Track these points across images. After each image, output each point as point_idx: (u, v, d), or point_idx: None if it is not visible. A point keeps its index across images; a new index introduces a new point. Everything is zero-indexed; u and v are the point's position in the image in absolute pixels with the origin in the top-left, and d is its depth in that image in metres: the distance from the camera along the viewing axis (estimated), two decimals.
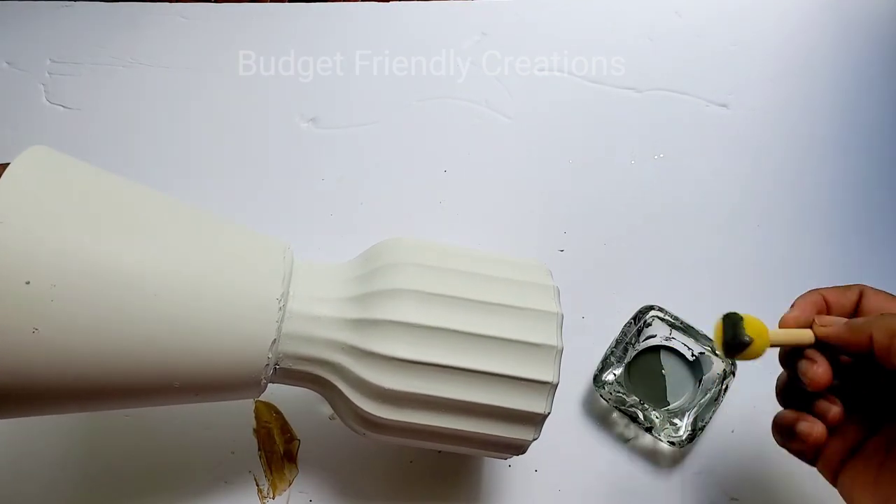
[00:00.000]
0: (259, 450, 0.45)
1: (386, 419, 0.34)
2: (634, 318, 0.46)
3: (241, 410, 0.46)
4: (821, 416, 0.33)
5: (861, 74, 0.59)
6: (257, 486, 0.44)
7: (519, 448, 0.36)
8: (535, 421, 0.35)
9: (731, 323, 0.32)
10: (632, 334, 0.46)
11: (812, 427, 0.33)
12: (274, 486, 0.44)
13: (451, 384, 0.34)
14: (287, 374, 0.36)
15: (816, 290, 0.35)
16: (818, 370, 0.32)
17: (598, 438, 0.46)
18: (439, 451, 0.45)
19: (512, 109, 0.57)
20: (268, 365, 0.34)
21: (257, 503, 0.44)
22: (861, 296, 0.34)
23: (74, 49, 0.59)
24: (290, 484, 0.45)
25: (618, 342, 0.46)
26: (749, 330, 0.32)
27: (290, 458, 0.45)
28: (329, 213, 0.53)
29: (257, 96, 0.57)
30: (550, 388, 0.34)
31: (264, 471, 0.45)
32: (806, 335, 0.33)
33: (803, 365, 0.33)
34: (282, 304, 0.34)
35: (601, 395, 0.45)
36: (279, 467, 0.45)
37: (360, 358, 0.34)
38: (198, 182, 0.54)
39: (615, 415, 0.46)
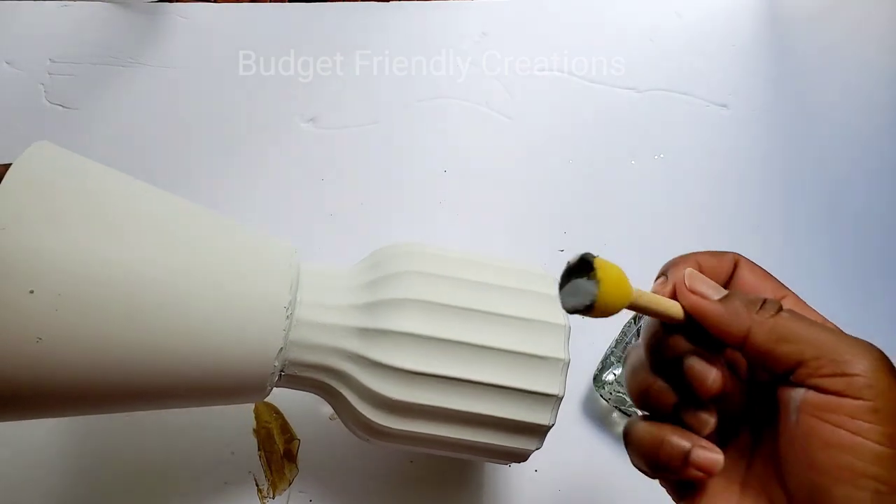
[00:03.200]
0: (259, 450, 0.45)
1: (391, 428, 0.34)
2: (634, 317, 0.46)
3: (241, 410, 0.46)
4: (694, 428, 0.26)
5: (861, 75, 0.59)
6: (257, 486, 0.44)
7: (520, 457, 0.36)
8: (539, 432, 0.35)
9: (582, 263, 0.24)
10: (632, 334, 0.46)
11: (717, 458, 0.25)
12: (274, 486, 0.44)
13: (457, 395, 0.34)
14: (292, 380, 0.35)
15: (692, 254, 0.29)
16: (715, 376, 0.25)
17: (598, 438, 0.46)
18: None
19: (512, 109, 0.57)
20: (273, 372, 0.34)
21: (257, 503, 0.44)
22: (735, 266, 0.28)
23: (74, 49, 0.59)
24: (289, 484, 0.45)
25: (617, 342, 0.46)
26: (604, 276, 0.24)
27: (290, 457, 0.45)
28: (329, 213, 0.53)
29: (257, 96, 0.57)
30: (556, 400, 0.34)
31: (264, 471, 0.45)
32: (675, 309, 0.26)
33: (698, 366, 0.25)
34: (289, 312, 0.33)
35: (601, 395, 0.45)
36: (279, 467, 0.45)
37: (367, 367, 0.34)
38: (198, 182, 0.54)
39: (615, 415, 0.46)
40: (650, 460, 0.27)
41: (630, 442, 0.28)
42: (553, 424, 0.35)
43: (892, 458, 0.21)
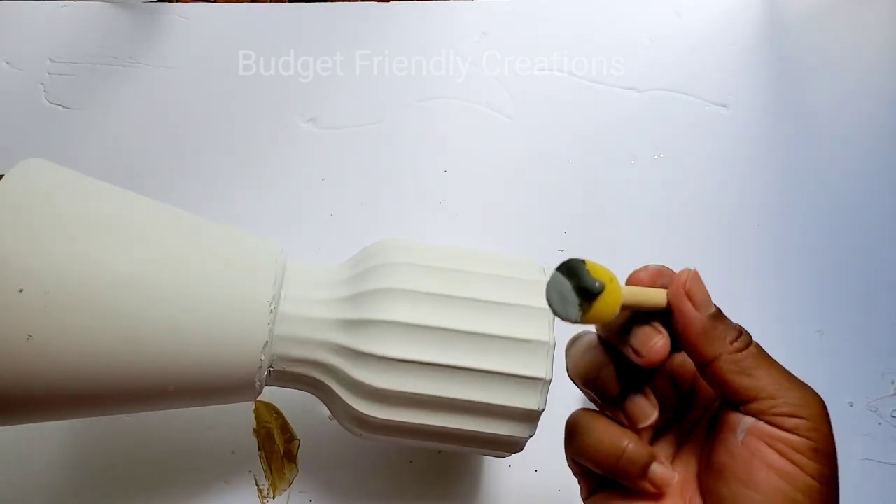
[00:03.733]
0: (259, 450, 0.45)
1: (380, 419, 0.34)
2: None
3: (241, 411, 0.46)
4: (634, 417, 0.28)
5: (861, 74, 0.59)
6: (257, 486, 0.44)
7: (515, 446, 0.36)
8: (530, 418, 0.35)
9: (573, 270, 0.23)
10: None
11: (673, 477, 0.28)
12: (274, 486, 0.44)
13: (444, 383, 0.34)
14: (281, 376, 0.36)
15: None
16: (659, 342, 0.26)
17: None
18: (439, 451, 0.45)
19: (512, 109, 0.57)
20: (261, 367, 0.34)
21: (257, 503, 0.44)
22: None
23: (74, 49, 0.59)
24: (289, 484, 0.45)
25: None
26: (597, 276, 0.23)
27: (290, 457, 0.45)
28: (329, 213, 0.53)
29: (257, 96, 0.57)
30: (544, 384, 0.34)
31: (264, 471, 0.45)
32: (658, 297, 0.27)
33: (644, 334, 0.27)
34: (273, 307, 0.34)
35: None
36: (279, 467, 0.45)
37: (353, 358, 0.34)
38: (197, 182, 0.54)
39: None
40: (605, 462, 0.28)
41: (583, 437, 0.28)
42: (543, 409, 0.35)
43: (819, 493, 0.25)
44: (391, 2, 0.61)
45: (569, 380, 0.31)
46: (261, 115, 0.57)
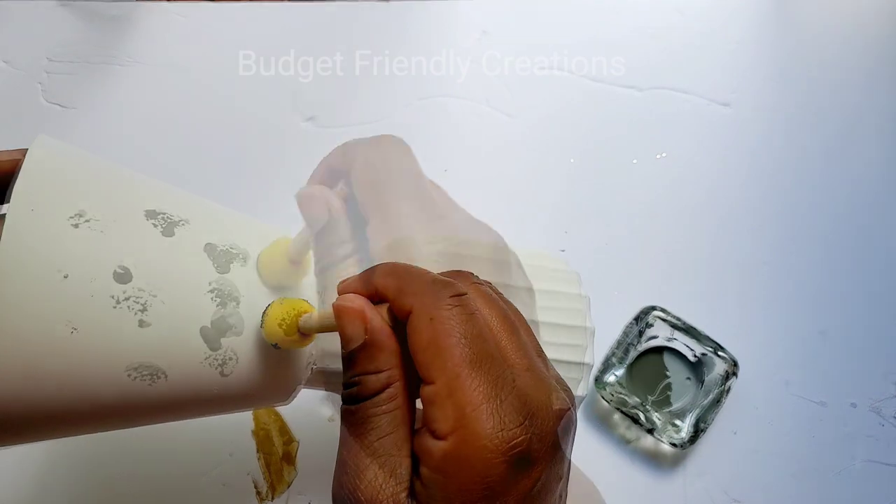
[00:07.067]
0: (258, 452, 0.45)
1: None
2: (636, 318, 0.46)
3: (239, 412, 0.46)
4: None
5: (864, 72, 0.58)
6: (256, 488, 0.44)
7: None
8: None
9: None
10: (633, 335, 0.45)
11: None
12: (273, 488, 0.44)
13: None
14: (319, 375, 0.34)
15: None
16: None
17: (599, 440, 0.46)
18: None
19: (512, 108, 0.57)
20: (309, 363, 0.33)
21: None
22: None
23: (72, 48, 0.58)
24: (288, 486, 0.44)
25: (619, 343, 0.45)
26: (277, 321, 0.27)
27: (288, 459, 0.45)
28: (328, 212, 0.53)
29: (257, 96, 0.57)
30: (587, 369, 0.35)
31: (263, 473, 0.45)
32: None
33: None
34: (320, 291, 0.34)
35: (602, 397, 0.45)
36: (278, 469, 0.45)
37: None
38: (196, 181, 0.54)
39: (617, 416, 0.46)
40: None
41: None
42: (585, 396, 0.35)
43: None
44: (391, 2, 0.61)
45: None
46: (261, 115, 0.56)
